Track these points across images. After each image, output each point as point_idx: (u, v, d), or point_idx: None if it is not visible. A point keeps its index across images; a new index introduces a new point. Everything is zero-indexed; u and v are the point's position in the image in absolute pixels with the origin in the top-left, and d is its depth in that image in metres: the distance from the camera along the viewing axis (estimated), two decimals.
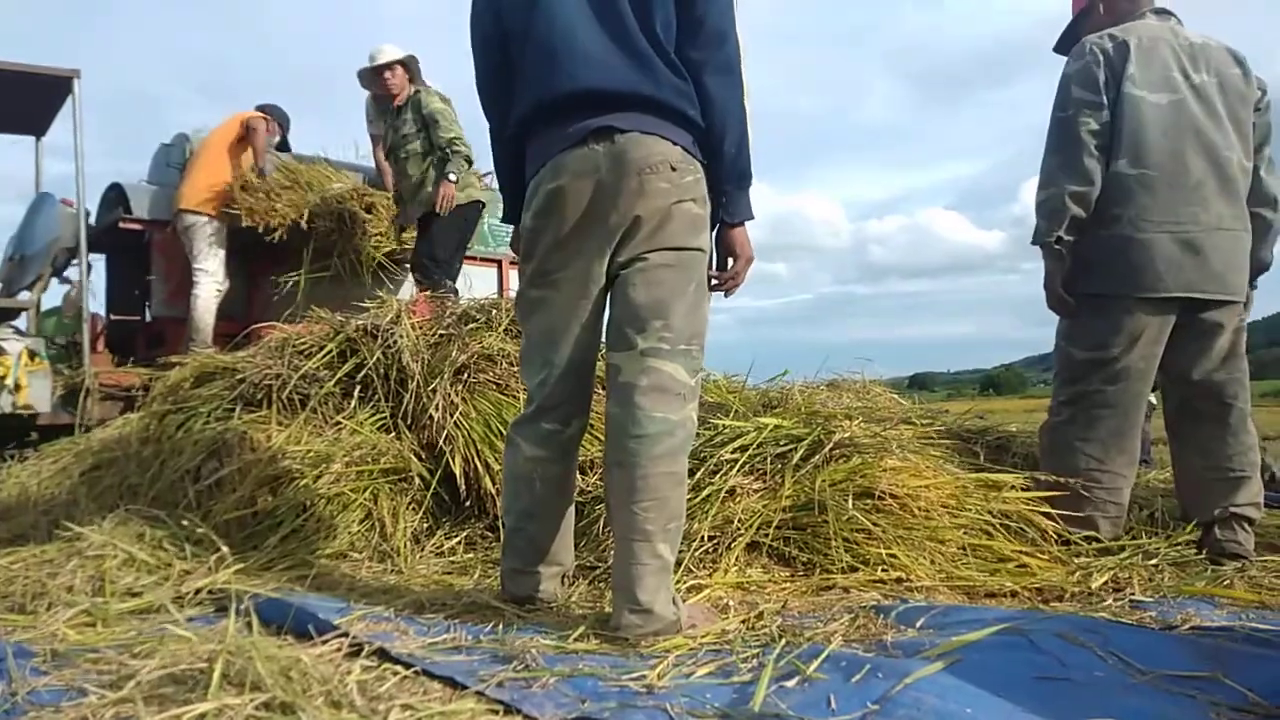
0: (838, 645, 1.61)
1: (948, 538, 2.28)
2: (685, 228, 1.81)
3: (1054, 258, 2.52)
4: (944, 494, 2.36)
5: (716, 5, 1.82)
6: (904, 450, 2.46)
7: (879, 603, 1.95)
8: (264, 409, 2.94)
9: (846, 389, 3.93)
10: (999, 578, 2.21)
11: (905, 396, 4.35)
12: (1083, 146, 2.45)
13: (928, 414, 3.38)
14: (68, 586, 2.15)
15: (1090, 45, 2.52)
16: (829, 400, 3.44)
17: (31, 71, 4.90)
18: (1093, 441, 2.51)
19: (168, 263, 5.21)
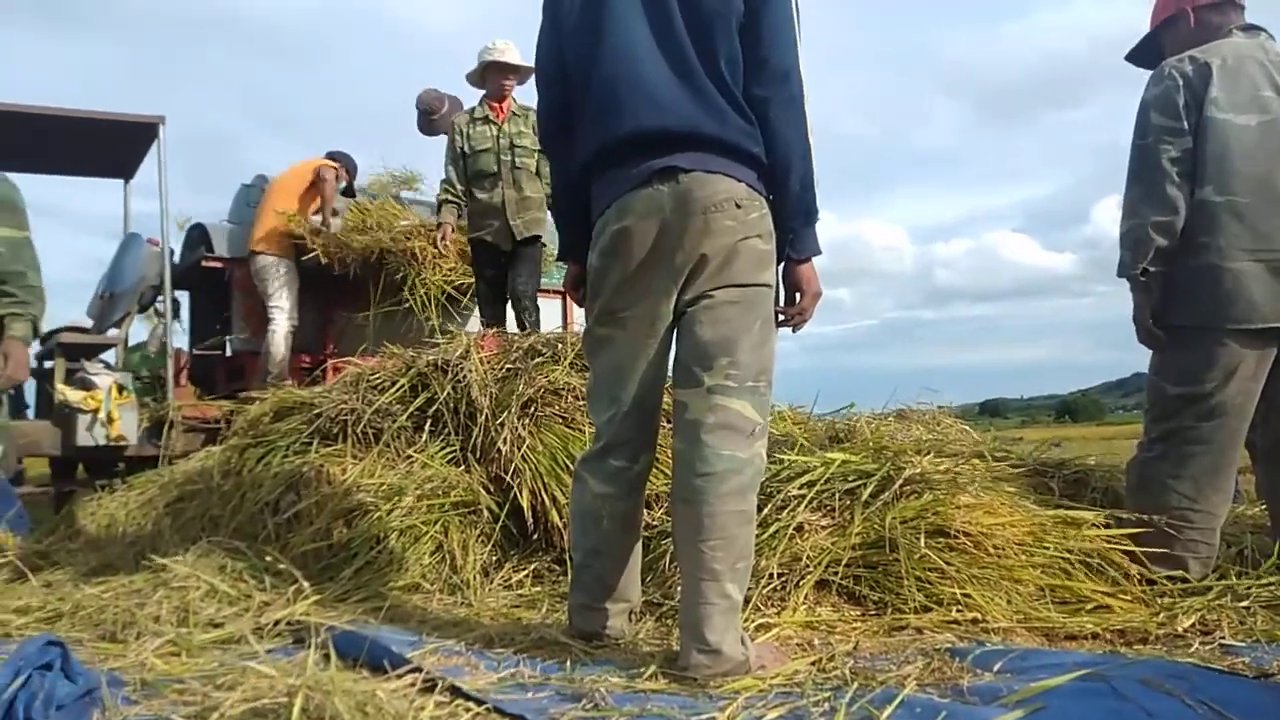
0: (912, 690, 1.58)
1: (1024, 577, 2.21)
2: (751, 264, 1.82)
3: (1141, 290, 2.45)
4: (1020, 532, 2.30)
5: (781, 43, 1.84)
6: (977, 486, 2.40)
7: (954, 645, 1.90)
8: (340, 443, 3.02)
9: (915, 419, 3.88)
10: (1079, 619, 2.14)
11: (977, 424, 4.27)
12: (1164, 174, 2.38)
13: (1000, 447, 3.30)
14: (154, 616, 2.23)
15: (1169, 69, 2.46)
16: (898, 432, 3.39)
17: (121, 120, 5.17)
18: (1185, 479, 2.41)
19: (247, 299, 5.41)
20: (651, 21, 1.85)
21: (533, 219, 4.84)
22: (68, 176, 6.58)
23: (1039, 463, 2.98)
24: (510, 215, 4.80)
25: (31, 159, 5.94)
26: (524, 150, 4.82)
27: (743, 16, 1.82)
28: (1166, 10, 2.69)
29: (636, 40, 1.84)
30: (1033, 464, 2.96)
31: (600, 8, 1.88)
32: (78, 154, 5.76)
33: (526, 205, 4.82)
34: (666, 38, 1.83)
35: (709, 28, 1.81)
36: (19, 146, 5.51)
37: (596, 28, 1.88)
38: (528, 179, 4.86)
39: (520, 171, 4.84)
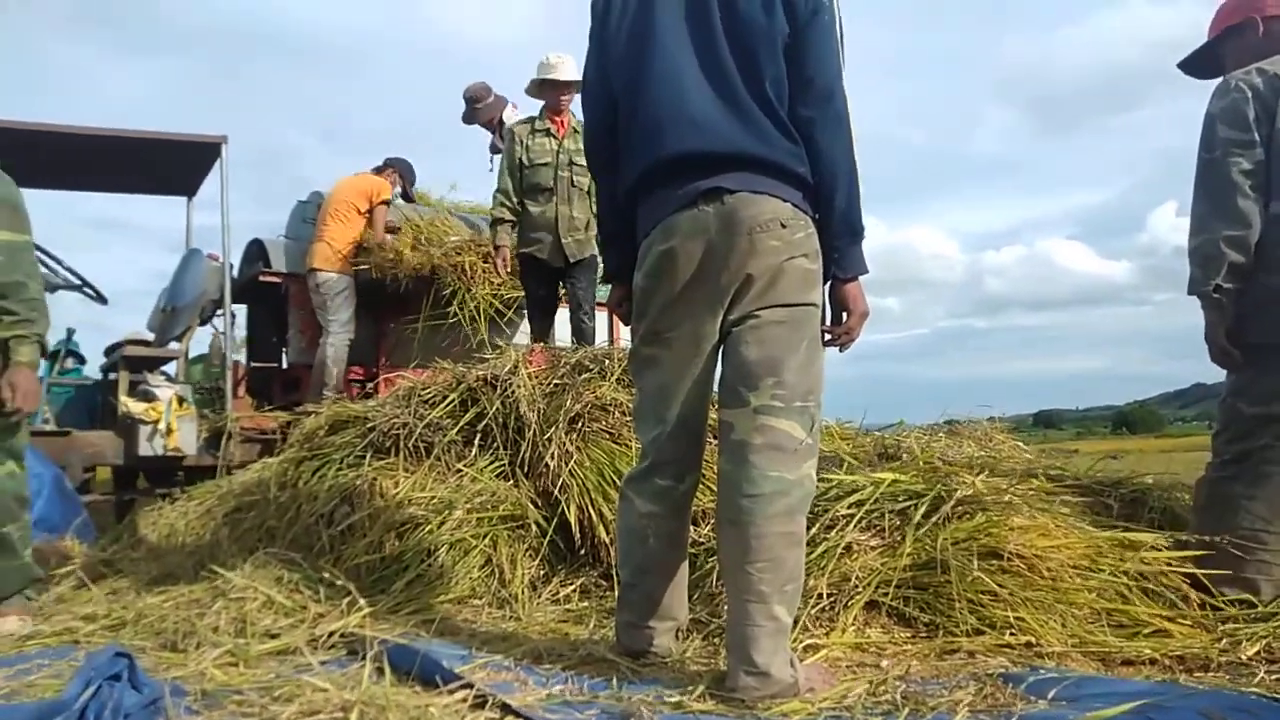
0: (965, 717, 1.56)
1: (1079, 600, 2.17)
2: (797, 284, 1.82)
3: (1214, 307, 2.38)
4: (1075, 554, 2.25)
5: (825, 64, 1.84)
6: (1031, 508, 2.36)
7: (1007, 670, 1.87)
8: (392, 456, 3.08)
9: (967, 435, 3.81)
10: (1136, 643, 2.09)
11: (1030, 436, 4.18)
12: (1235, 188, 2.32)
13: (1055, 465, 3.24)
14: (214, 627, 2.30)
15: (1236, 81, 2.40)
16: (948, 449, 3.34)
17: (186, 140, 5.33)
18: (1259, 500, 2.34)
19: (303, 313, 5.53)
20: (697, 45, 1.87)
21: (584, 239, 4.80)
22: (136, 195, 6.80)
23: (1095, 481, 2.92)
24: (562, 232, 4.75)
25: (102, 178, 6.16)
26: (581, 169, 4.71)
27: (787, 37, 1.83)
28: (1231, 19, 2.62)
29: (682, 64, 1.86)
30: (1088, 482, 2.90)
31: (646, 33, 1.91)
32: (145, 173, 5.95)
33: (576, 225, 4.77)
34: (712, 61, 1.85)
35: (754, 50, 1.83)
36: (91, 166, 5.72)
37: (642, 52, 1.90)
38: (580, 198, 4.80)
39: (575, 190, 4.79)
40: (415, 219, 5.50)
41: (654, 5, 1.91)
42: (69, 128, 5.10)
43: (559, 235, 4.74)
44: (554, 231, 4.74)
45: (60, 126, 5.08)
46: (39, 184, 6.06)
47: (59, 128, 5.07)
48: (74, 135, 5.11)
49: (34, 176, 5.73)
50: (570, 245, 4.77)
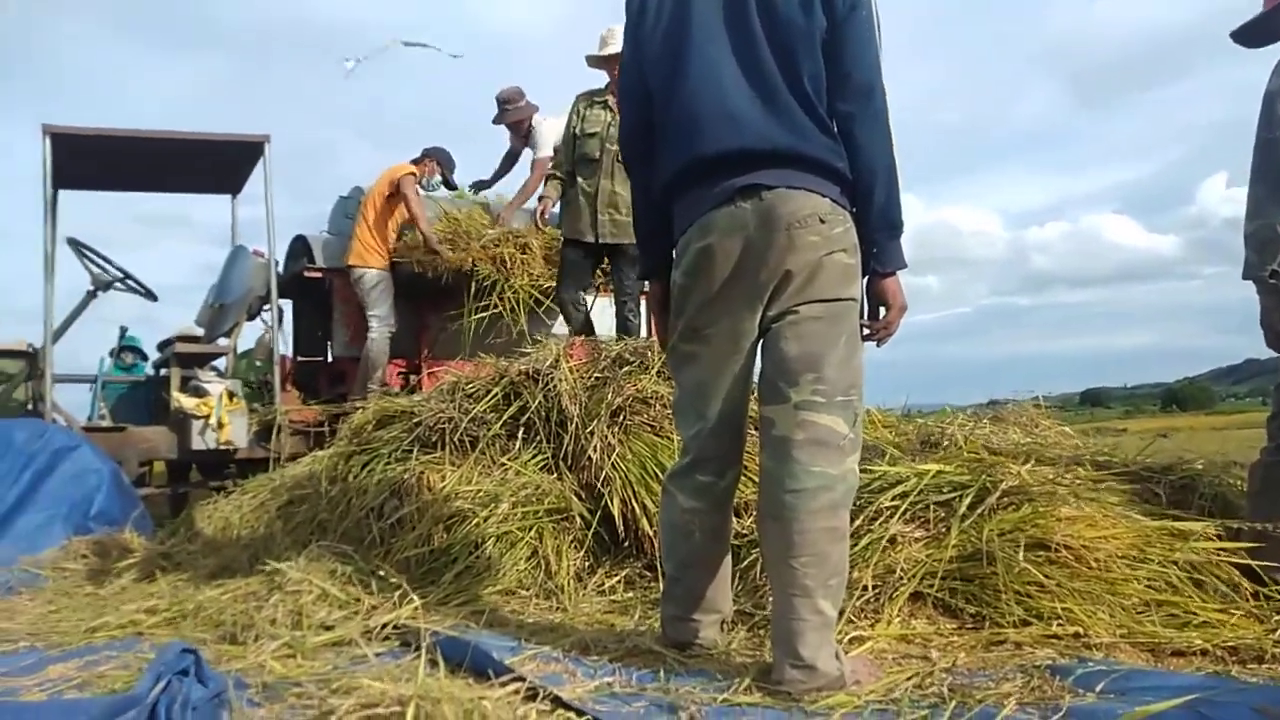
0: (1012, 710, 1.56)
1: (1128, 591, 2.15)
2: (836, 279, 1.82)
3: (1270, 293, 2.33)
4: (1123, 544, 2.23)
5: (864, 59, 1.84)
6: (1078, 498, 2.34)
7: (1055, 661, 1.87)
8: (438, 450, 3.13)
9: (1012, 421, 3.78)
10: (1186, 634, 2.06)
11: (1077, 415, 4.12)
12: None
13: (1103, 450, 3.20)
14: (271, 619, 2.36)
15: None
16: (993, 435, 3.32)
17: (229, 140, 5.44)
18: None
19: (346, 307, 5.63)
20: (734, 43, 1.87)
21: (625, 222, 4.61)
22: (183, 194, 6.96)
23: (1144, 468, 2.88)
24: (600, 207, 4.66)
25: (153, 179, 6.32)
26: None
27: (825, 33, 1.83)
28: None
29: (719, 62, 1.87)
30: (1137, 469, 2.87)
31: (682, 30, 1.91)
32: (192, 173, 6.09)
33: (615, 202, 4.65)
34: (749, 58, 1.85)
35: (793, 47, 1.82)
36: (140, 168, 5.87)
37: (679, 50, 1.91)
38: (623, 178, 4.60)
39: (620, 166, 4.52)
40: (454, 212, 5.55)
41: (690, 2, 1.91)
42: (122, 131, 5.23)
43: (596, 210, 4.67)
44: (592, 206, 4.67)
45: (113, 130, 5.22)
46: (96, 186, 6.24)
47: (112, 131, 5.21)
48: (126, 139, 5.24)
49: (92, 179, 5.91)
50: (605, 223, 4.66)
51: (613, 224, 4.67)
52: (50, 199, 5.15)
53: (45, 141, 4.92)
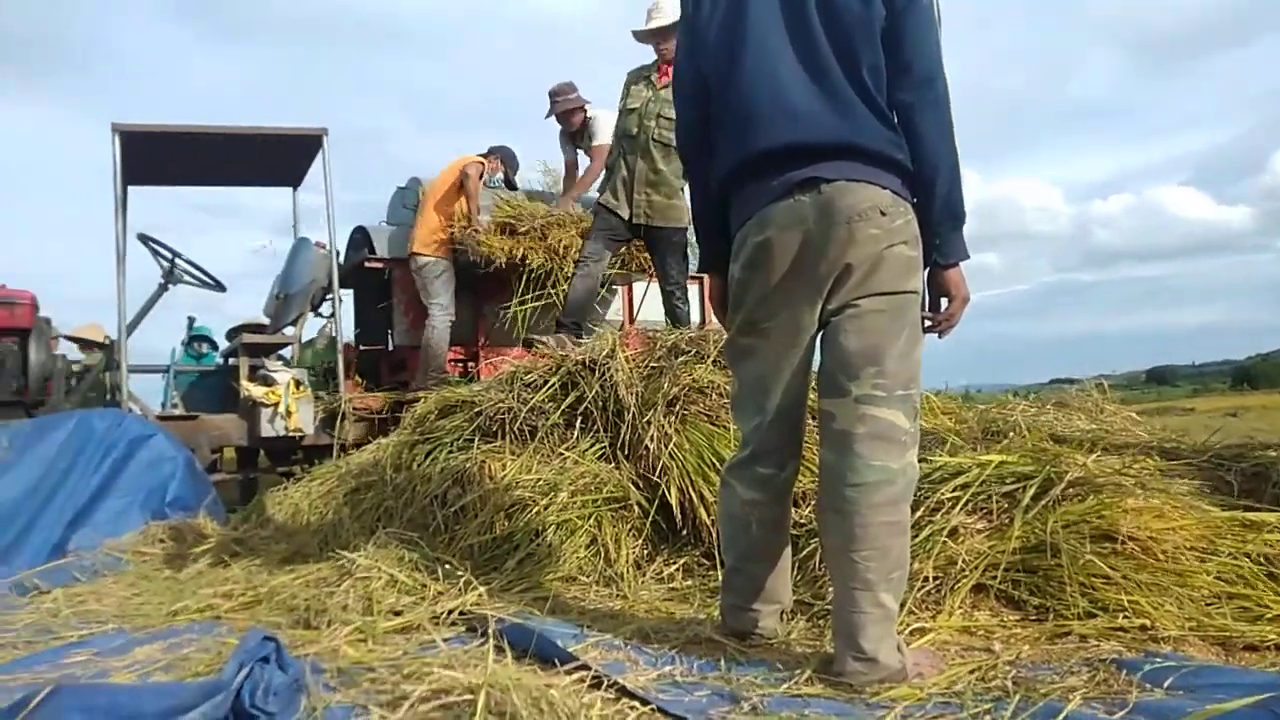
0: (1078, 705, 1.55)
1: (1197, 583, 2.11)
2: (897, 271, 1.81)
3: None
4: (1193, 535, 2.19)
5: (924, 49, 1.82)
6: (1145, 488, 2.30)
7: (1121, 655, 1.85)
8: (498, 439, 3.19)
9: (1076, 406, 3.72)
10: (1259, 628, 2.02)
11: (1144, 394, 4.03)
12: None
13: (1171, 437, 3.13)
14: (342, 605, 2.45)
15: None
16: (1056, 423, 3.27)
17: (288, 133, 5.56)
18: None
19: (406, 296, 5.73)
20: (791, 33, 1.86)
21: (662, 205, 4.53)
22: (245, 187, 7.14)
23: (1214, 456, 2.81)
24: (636, 186, 4.51)
25: (215, 173, 6.49)
26: (669, 122, 4.34)
27: (884, 22, 1.81)
28: None
29: (776, 53, 1.86)
30: (1207, 457, 2.80)
31: (739, 22, 1.91)
32: (253, 166, 6.24)
33: (654, 181, 4.50)
34: (807, 49, 1.84)
35: (851, 36, 1.81)
36: (205, 163, 6.03)
37: (735, 43, 1.90)
38: (664, 154, 4.49)
39: (658, 145, 4.50)
40: (511, 200, 5.60)
41: None
42: (187, 128, 5.38)
43: (632, 189, 4.53)
44: (629, 187, 4.55)
45: (179, 127, 5.37)
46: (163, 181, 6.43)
47: (178, 128, 5.36)
48: (191, 135, 5.40)
49: (159, 174, 6.10)
50: (641, 203, 4.53)
51: (649, 205, 4.55)
52: (121, 195, 5.32)
53: (115, 140, 5.08)
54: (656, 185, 4.54)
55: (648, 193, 4.54)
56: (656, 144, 4.52)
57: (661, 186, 4.54)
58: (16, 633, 2.67)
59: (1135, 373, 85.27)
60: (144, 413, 5.22)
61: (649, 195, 4.55)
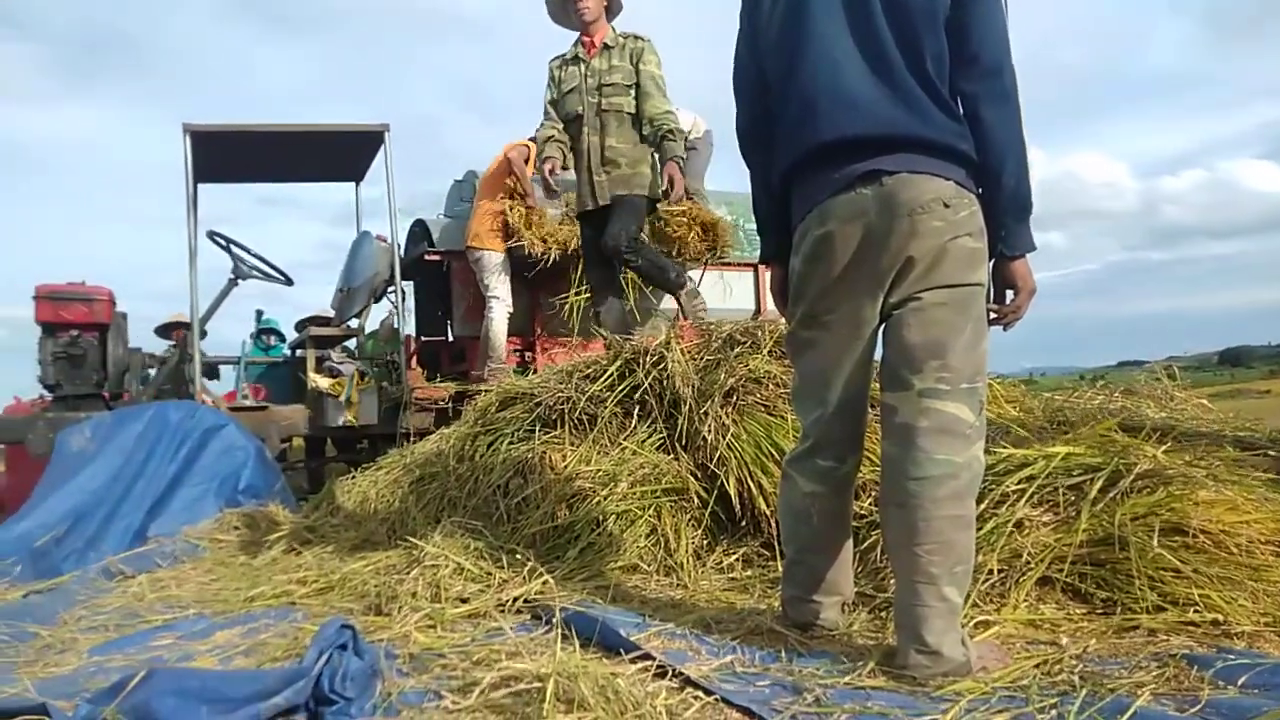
0: (1146, 700, 1.53)
1: (1273, 578, 2.06)
2: (961, 264, 1.79)
3: None
4: (1268, 529, 2.13)
5: (991, 37, 1.79)
6: (1217, 480, 2.25)
7: (1192, 651, 1.82)
8: (558, 429, 3.24)
9: (1145, 394, 3.63)
10: None
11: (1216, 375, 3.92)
12: None
13: (1244, 426, 3.04)
14: (412, 592, 2.52)
15: None
16: (1124, 411, 3.20)
17: (351, 130, 5.68)
18: None
19: (464, 288, 5.82)
20: (853, 24, 1.85)
21: (623, 176, 4.17)
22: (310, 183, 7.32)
23: None
24: (594, 167, 4.20)
25: (281, 169, 6.67)
26: (615, 88, 4.15)
27: (948, 10, 1.79)
28: None
29: (838, 46, 1.85)
30: None
31: (800, 16, 1.90)
32: (317, 162, 6.39)
33: (610, 158, 4.19)
34: (869, 40, 1.83)
35: (914, 26, 1.79)
36: (271, 159, 6.20)
37: (796, 37, 1.90)
38: (617, 124, 4.19)
39: (609, 115, 4.18)
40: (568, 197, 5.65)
41: None
42: (254, 126, 5.54)
43: (591, 172, 4.23)
44: (587, 167, 4.24)
45: (246, 126, 5.53)
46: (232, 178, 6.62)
47: (245, 127, 5.52)
48: (258, 133, 5.55)
49: (228, 172, 6.29)
50: (602, 184, 4.20)
51: (609, 180, 4.23)
52: (192, 193, 5.50)
53: (186, 140, 5.25)
54: (613, 162, 4.22)
55: (605, 171, 4.23)
56: (607, 114, 4.21)
57: (620, 160, 4.21)
58: (108, 615, 2.81)
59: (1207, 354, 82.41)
60: (216, 403, 5.41)
61: (608, 172, 4.23)
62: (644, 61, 4.16)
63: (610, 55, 4.21)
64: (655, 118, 4.17)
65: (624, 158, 4.23)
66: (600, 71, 4.18)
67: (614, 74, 4.16)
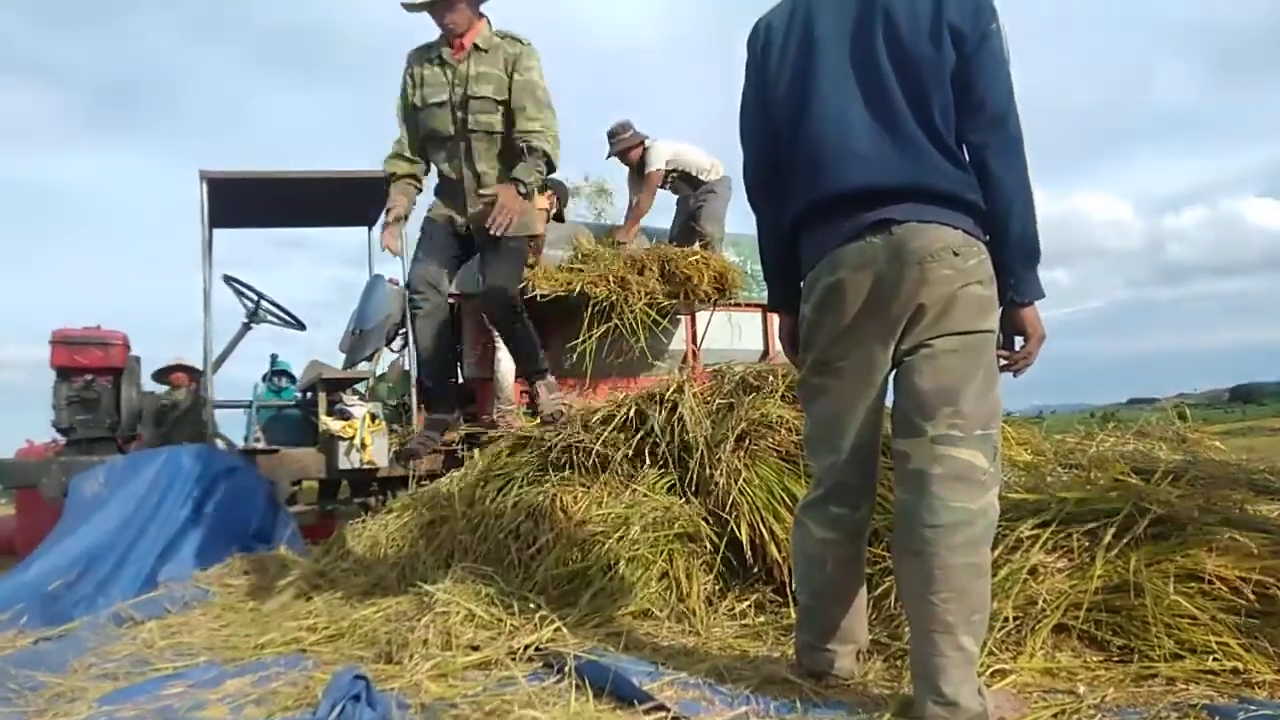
0: None
1: None
2: (972, 311, 1.81)
3: None
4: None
5: (996, 88, 1.82)
6: (1231, 524, 2.23)
7: (1212, 701, 1.80)
8: (568, 472, 3.24)
9: (1158, 436, 3.61)
10: None
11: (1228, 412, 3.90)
12: None
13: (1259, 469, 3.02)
14: (422, 640, 2.51)
15: None
16: (1137, 454, 3.18)
17: (364, 176, 5.75)
18: None
19: (475, 330, 5.85)
20: (861, 78, 1.88)
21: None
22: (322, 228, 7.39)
23: None
24: (470, 203, 3.35)
25: (295, 214, 6.74)
26: (482, 102, 3.26)
27: (954, 63, 1.83)
28: None
29: (846, 99, 1.88)
30: None
31: (809, 68, 1.94)
32: (329, 207, 6.46)
33: (488, 185, 3.32)
34: (877, 93, 1.86)
35: (921, 79, 1.82)
36: (286, 205, 6.28)
37: (806, 90, 1.94)
38: (487, 146, 3.31)
39: (476, 136, 3.29)
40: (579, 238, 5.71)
41: (816, 41, 1.94)
42: (269, 173, 5.62)
43: (465, 198, 3.38)
44: (462, 203, 3.39)
45: (261, 172, 5.61)
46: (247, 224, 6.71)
47: (261, 174, 5.60)
48: (273, 179, 5.63)
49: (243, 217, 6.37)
50: (480, 213, 3.26)
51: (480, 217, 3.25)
52: (207, 238, 5.56)
53: (203, 186, 5.32)
54: (479, 179, 3.37)
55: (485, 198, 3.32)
56: (476, 135, 3.32)
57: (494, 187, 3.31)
58: (117, 663, 2.80)
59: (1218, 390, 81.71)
60: (228, 446, 5.42)
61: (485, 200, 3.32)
62: (520, 62, 3.29)
63: (482, 58, 3.31)
64: (524, 133, 3.26)
65: (481, 177, 3.37)
66: (469, 78, 3.29)
67: (483, 83, 3.28)
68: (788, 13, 2.02)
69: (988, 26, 1.81)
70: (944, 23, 1.80)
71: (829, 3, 1.95)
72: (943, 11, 1.81)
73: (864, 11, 1.89)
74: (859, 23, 1.89)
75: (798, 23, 1.99)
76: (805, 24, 1.97)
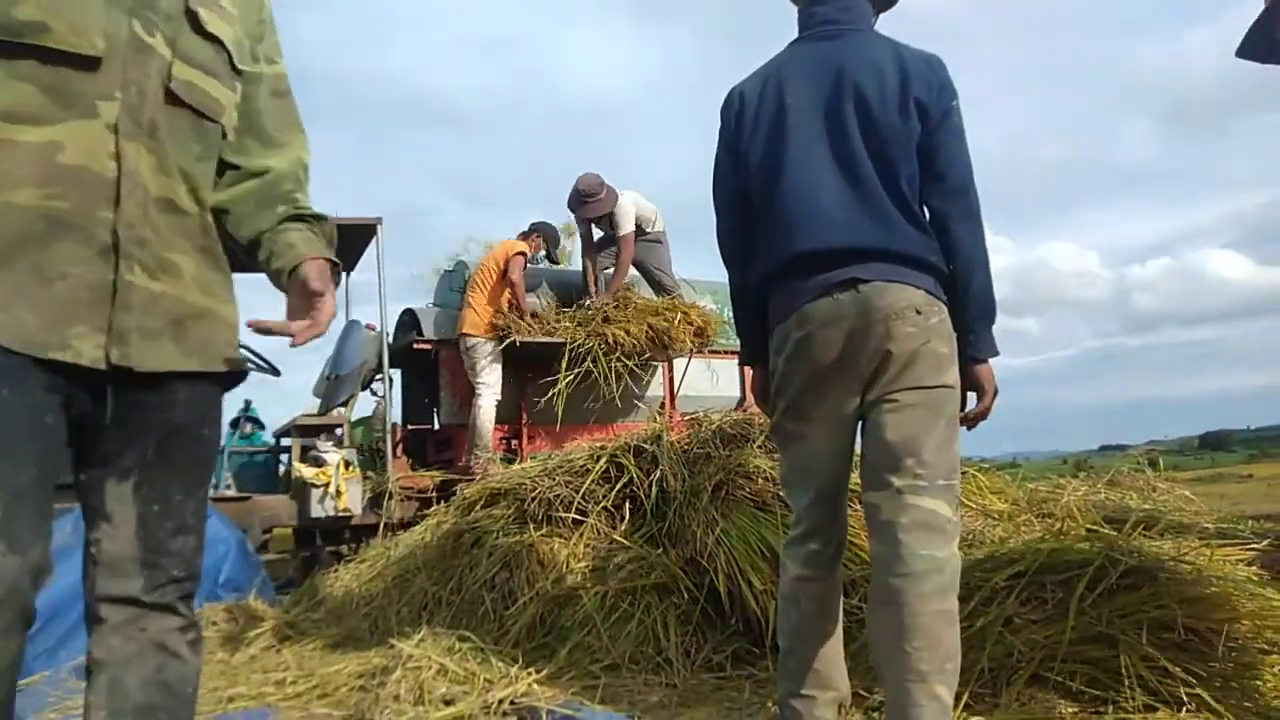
0: None
1: (1266, 676, 2.06)
2: (932, 367, 1.87)
3: None
4: (1252, 625, 2.14)
5: (957, 162, 1.93)
6: (1201, 573, 2.25)
7: None
8: (544, 525, 3.22)
9: (1128, 486, 3.64)
10: None
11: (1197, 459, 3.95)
12: None
13: (1228, 518, 3.06)
14: (394, 695, 2.47)
15: None
16: (1108, 503, 3.21)
17: (346, 223, 5.76)
18: None
19: (453, 376, 5.84)
20: (832, 146, 1.96)
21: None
22: None
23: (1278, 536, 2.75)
24: None
25: None
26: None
27: (920, 136, 1.91)
28: None
29: (818, 168, 1.95)
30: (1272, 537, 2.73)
31: (781, 136, 2.00)
32: None
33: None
34: (846, 161, 1.94)
35: (890, 150, 1.91)
36: None
37: (778, 155, 2.00)
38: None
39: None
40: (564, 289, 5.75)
41: (788, 110, 2.00)
42: None
43: None
44: None
45: None
46: None
47: None
48: None
49: None
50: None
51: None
52: None
53: None
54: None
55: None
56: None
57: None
58: (79, 717, 2.72)
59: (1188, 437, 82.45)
60: None
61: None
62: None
63: None
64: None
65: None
66: None
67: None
68: (760, 82, 2.10)
69: (949, 104, 1.93)
70: (910, 98, 1.90)
71: (800, 74, 2.03)
72: (909, 88, 1.91)
73: (835, 84, 1.97)
74: (830, 94, 1.97)
75: (770, 91, 2.06)
76: (777, 93, 2.04)
